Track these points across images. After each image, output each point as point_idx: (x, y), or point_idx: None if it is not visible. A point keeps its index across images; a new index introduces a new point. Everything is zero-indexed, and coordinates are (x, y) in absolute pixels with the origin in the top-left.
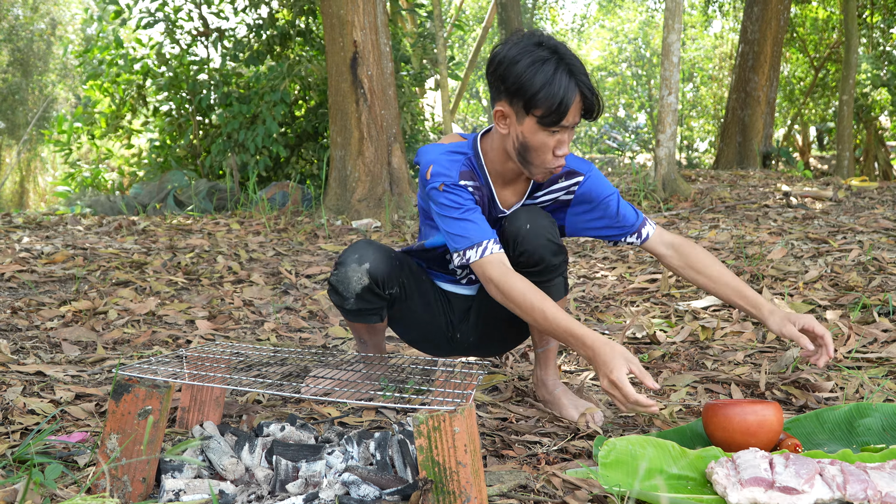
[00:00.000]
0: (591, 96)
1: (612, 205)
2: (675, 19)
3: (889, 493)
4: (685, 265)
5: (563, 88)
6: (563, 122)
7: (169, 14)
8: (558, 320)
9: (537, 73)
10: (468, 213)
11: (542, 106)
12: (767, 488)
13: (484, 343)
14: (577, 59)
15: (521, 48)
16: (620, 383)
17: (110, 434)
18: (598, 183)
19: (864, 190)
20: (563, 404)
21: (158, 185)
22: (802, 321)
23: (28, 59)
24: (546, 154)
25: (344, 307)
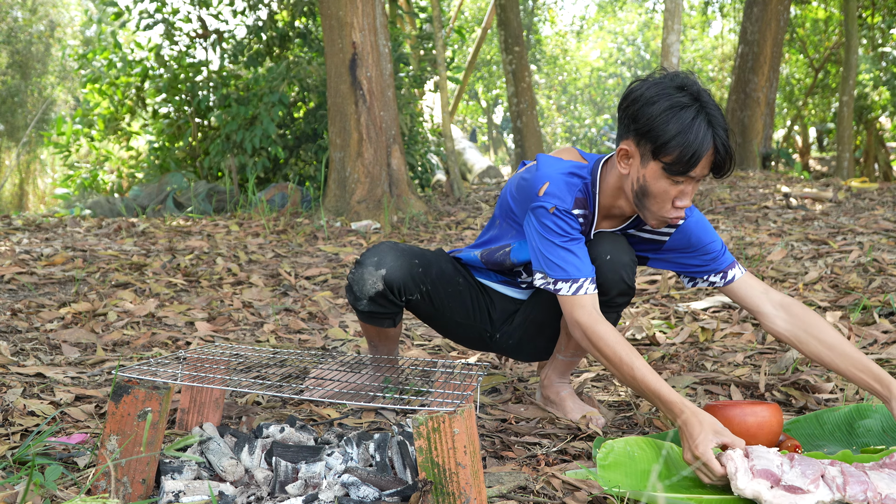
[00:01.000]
0: (723, 153)
1: (712, 249)
2: (675, 20)
3: (889, 494)
4: (797, 329)
5: (699, 140)
6: (692, 173)
7: (168, 16)
8: (647, 381)
9: (673, 119)
10: (572, 243)
11: (672, 153)
12: (774, 484)
13: (523, 347)
14: (718, 109)
15: (660, 89)
16: (706, 459)
17: (110, 435)
18: (700, 230)
19: (864, 191)
20: (567, 406)
21: (158, 187)
22: None
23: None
24: (665, 203)
25: (356, 307)
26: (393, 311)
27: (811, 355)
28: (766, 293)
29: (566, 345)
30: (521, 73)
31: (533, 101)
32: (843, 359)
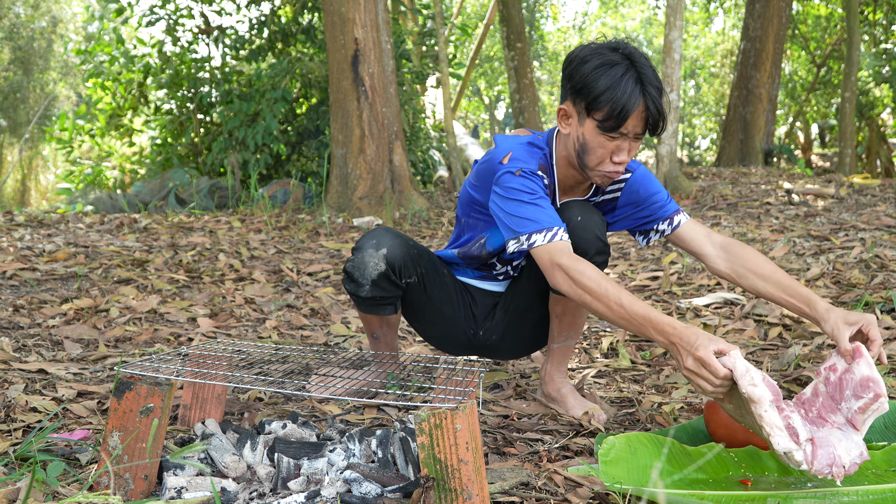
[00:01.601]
0: (654, 110)
1: (658, 199)
2: (677, 16)
3: (853, 461)
4: (736, 266)
5: (627, 95)
6: (623, 129)
7: (170, 12)
8: (636, 308)
9: (603, 76)
10: (541, 200)
11: (602, 109)
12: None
13: (506, 343)
14: (651, 69)
15: (593, 49)
16: (707, 359)
17: (112, 432)
18: (645, 181)
19: (866, 187)
20: (569, 403)
21: (160, 183)
22: (861, 322)
23: (29, 58)
24: (604, 159)
25: (359, 294)
26: (394, 294)
27: (750, 289)
28: (709, 236)
29: (557, 329)
30: (523, 69)
31: (535, 97)
32: (776, 287)
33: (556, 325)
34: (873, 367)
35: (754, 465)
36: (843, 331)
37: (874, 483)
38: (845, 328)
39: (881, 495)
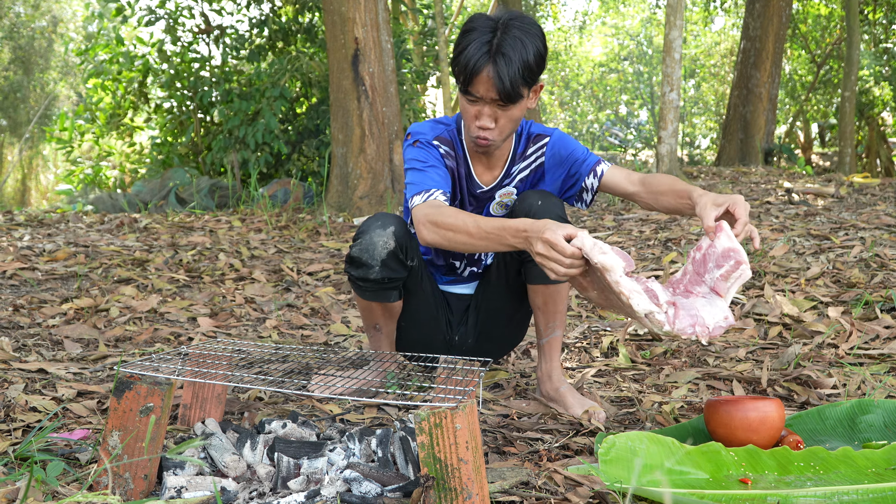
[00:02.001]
0: (497, 77)
1: (579, 156)
2: (677, 16)
3: (716, 324)
4: (650, 194)
5: (473, 59)
6: (472, 90)
7: (170, 11)
8: (492, 223)
9: (462, 41)
10: (430, 167)
11: (455, 71)
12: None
13: (482, 344)
14: (517, 43)
15: (474, 18)
16: (553, 240)
17: (112, 431)
18: (563, 141)
19: (866, 186)
20: (568, 402)
21: (160, 183)
22: (728, 202)
23: (29, 57)
24: (470, 122)
25: (368, 277)
26: (401, 275)
27: (663, 210)
28: (629, 177)
29: (542, 322)
30: None
31: None
32: (671, 196)
33: (540, 318)
34: (734, 240)
35: (754, 464)
36: (709, 210)
37: (874, 482)
38: (712, 208)
39: (881, 494)
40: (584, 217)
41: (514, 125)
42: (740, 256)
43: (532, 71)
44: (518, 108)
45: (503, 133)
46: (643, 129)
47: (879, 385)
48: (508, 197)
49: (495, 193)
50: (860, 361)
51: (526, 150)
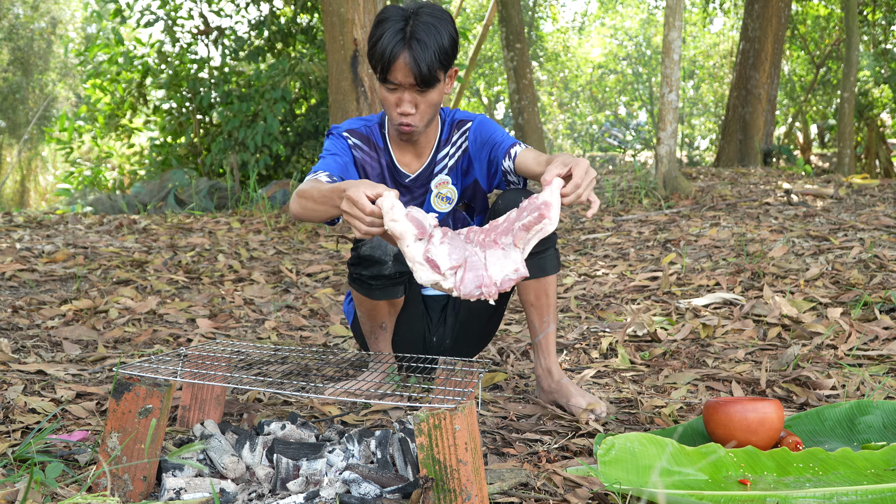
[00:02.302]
0: (414, 62)
1: (497, 139)
2: (676, 17)
3: (504, 277)
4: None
5: (389, 47)
6: (390, 78)
7: (169, 12)
8: (327, 187)
9: (376, 31)
10: (332, 155)
11: (372, 61)
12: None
13: (459, 345)
14: (430, 29)
15: (390, 7)
16: (355, 197)
17: (111, 433)
18: (484, 125)
19: (865, 187)
20: (570, 392)
21: (159, 184)
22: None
23: (28, 58)
24: (391, 110)
25: (382, 274)
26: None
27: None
28: (537, 157)
29: (536, 318)
30: (522, 69)
31: (534, 97)
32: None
33: (534, 314)
34: (555, 196)
35: (753, 465)
36: (553, 167)
37: (873, 483)
38: (557, 166)
39: (880, 495)
40: (582, 218)
41: (435, 110)
42: (547, 211)
43: (447, 54)
44: (436, 91)
45: (424, 118)
46: (642, 131)
47: (878, 386)
48: (446, 187)
49: (430, 184)
50: (859, 362)
51: (451, 136)
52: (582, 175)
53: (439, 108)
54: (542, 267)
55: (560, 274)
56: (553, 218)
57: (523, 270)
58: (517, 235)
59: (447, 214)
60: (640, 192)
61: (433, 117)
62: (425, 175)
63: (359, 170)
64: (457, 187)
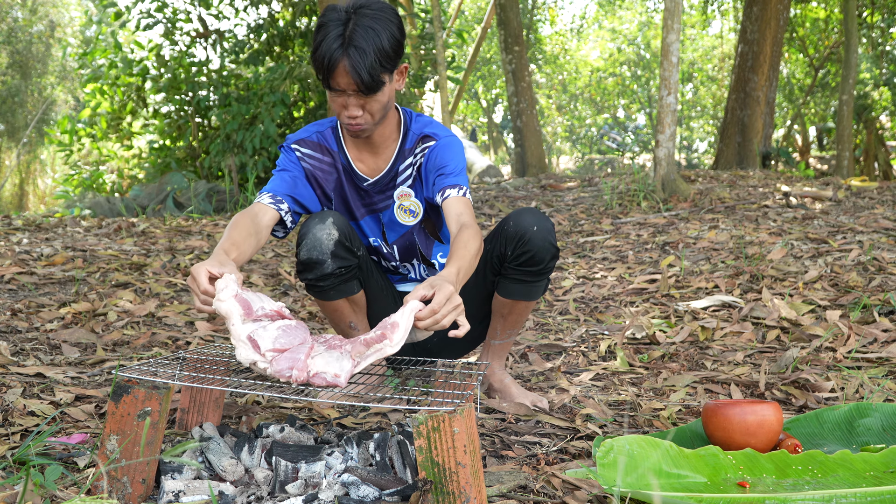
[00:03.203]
0: (353, 69)
1: (447, 170)
2: (675, 19)
3: (320, 372)
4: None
5: (328, 54)
6: (334, 84)
7: (168, 16)
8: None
9: (317, 36)
10: (281, 171)
11: (314, 67)
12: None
13: (446, 344)
14: (366, 30)
15: (329, 9)
16: (195, 274)
17: (110, 435)
18: (445, 150)
19: (864, 190)
20: (514, 393)
21: (158, 187)
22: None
23: (27, 62)
24: (339, 113)
25: (324, 273)
26: (353, 262)
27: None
28: (458, 218)
29: (501, 328)
30: (520, 72)
31: (533, 100)
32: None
33: (500, 325)
34: (405, 316)
35: (752, 468)
36: (420, 289)
37: (872, 485)
38: (423, 288)
39: (879, 497)
40: (581, 221)
41: (385, 109)
42: (391, 332)
43: (389, 56)
44: (384, 93)
45: (375, 117)
46: (641, 133)
47: (877, 388)
48: (408, 199)
49: (393, 195)
50: (858, 365)
51: (414, 147)
52: (441, 302)
53: (391, 106)
54: (530, 293)
55: (558, 276)
56: (395, 340)
57: (341, 382)
58: (356, 348)
59: (412, 228)
60: (638, 195)
61: (384, 115)
62: (385, 182)
63: (311, 180)
64: (420, 201)
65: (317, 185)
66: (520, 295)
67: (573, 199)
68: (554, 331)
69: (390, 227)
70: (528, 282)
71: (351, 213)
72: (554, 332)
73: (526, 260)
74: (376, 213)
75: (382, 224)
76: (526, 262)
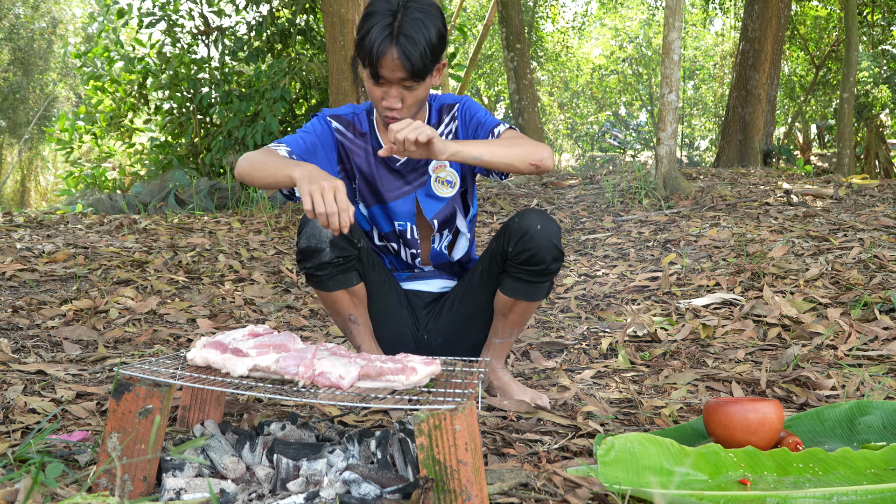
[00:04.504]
0: (405, 58)
1: (482, 119)
2: (676, 17)
3: (325, 372)
4: None
5: (377, 43)
6: (381, 73)
7: (169, 13)
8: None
9: (364, 26)
10: (304, 132)
11: (360, 55)
12: (223, 351)
13: (453, 345)
14: (418, 24)
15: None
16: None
17: (111, 433)
18: (470, 106)
19: (865, 187)
20: (513, 390)
21: (159, 184)
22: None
23: (29, 58)
24: (378, 103)
25: (322, 262)
26: (352, 253)
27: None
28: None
29: (502, 327)
30: (522, 70)
31: (534, 97)
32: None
33: (501, 323)
34: (428, 371)
35: (753, 465)
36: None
37: (873, 483)
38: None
39: (880, 495)
40: (583, 218)
41: (421, 104)
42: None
43: (435, 49)
44: (423, 87)
45: (410, 111)
46: (642, 131)
47: (878, 386)
48: (444, 170)
49: (428, 169)
50: (859, 363)
51: (440, 119)
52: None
53: (426, 101)
54: (531, 293)
55: (560, 274)
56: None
57: (344, 384)
58: (369, 367)
59: (451, 199)
60: (640, 193)
61: (420, 110)
62: (416, 160)
63: (341, 153)
64: (455, 169)
65: (346, 158)
66: (521, 294)
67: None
68: (555, 328)
69: (428, 201)
70: (530, 282)
71: (379, 196)
72: (555, 330)
73: (527, 258)
74: (412, 193)
75: (418, 202)
76: (527, 261)
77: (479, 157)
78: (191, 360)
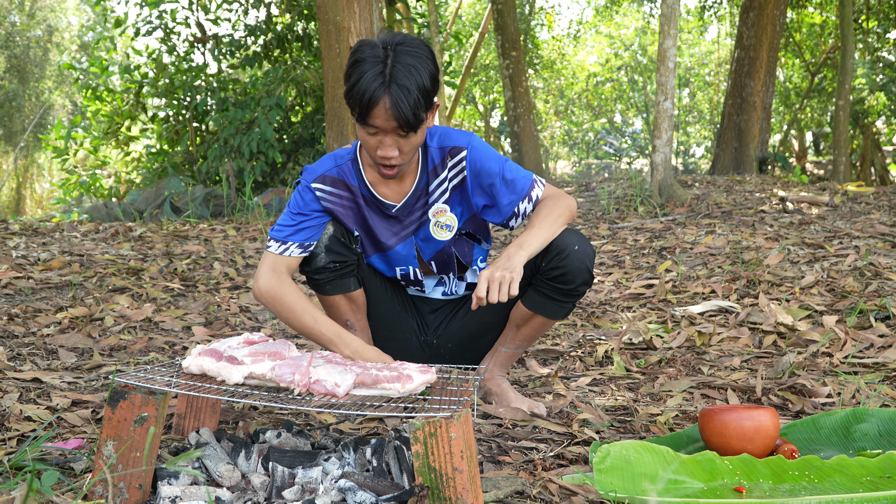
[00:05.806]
0: (396, 107)
1: (507, 175)
2: (671, 25)
3: (321, 379)
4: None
5: (368, 91)
6: (372, 122)
7: (166, 21)
8: (325, 323)
9: (354, 73)
10: (300, 216)
11: (350, 104)
12: (218, 359)
13: (462, 352)
14: (409, 70)
15: (363, 46)
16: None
17: (107, 441)
18: (481, 153)
19: (861, 195)
20: (511, 397)
21: (155, 192)
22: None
23: (25, 66)
24: (372, 151)
25: (317, 265)
26: (350, 258)
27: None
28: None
29: (512, 337)
30: (518, 77)
31: (530, 105)
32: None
33: (512, 334)
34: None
35: (748, 473)
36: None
37: (869, 490)
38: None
39: (875, 502)
40: (579, 226)
41: (417, 148)
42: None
43: (429, 95)
44: (420, 133)
45: (407, 157)
46: (638, 138)
47: (874, 394)
48: (444, 215)
49: (427, 213)
50: (855, 370)
51: (444, 162)
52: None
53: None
54: (553, 311)
55: None
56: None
57: (340, 392)
58: (364, 375)
59: (449, 242)
60: (635, 200)
61: (415, 155)
62: (413, 202)
63: (334, 218)
64: (456, 215)
65: (339, 223)
66: (543, 310)
67: None
68: (551, 335)
69: (426, 244)
70: (555, 300)
71: (379, 245)
72: (551, 337)
73: (557, 275)
74: (410, 238)
75: (417, 244)
76: (557, 278)
77: (542, 246)
78: (186, 367)
